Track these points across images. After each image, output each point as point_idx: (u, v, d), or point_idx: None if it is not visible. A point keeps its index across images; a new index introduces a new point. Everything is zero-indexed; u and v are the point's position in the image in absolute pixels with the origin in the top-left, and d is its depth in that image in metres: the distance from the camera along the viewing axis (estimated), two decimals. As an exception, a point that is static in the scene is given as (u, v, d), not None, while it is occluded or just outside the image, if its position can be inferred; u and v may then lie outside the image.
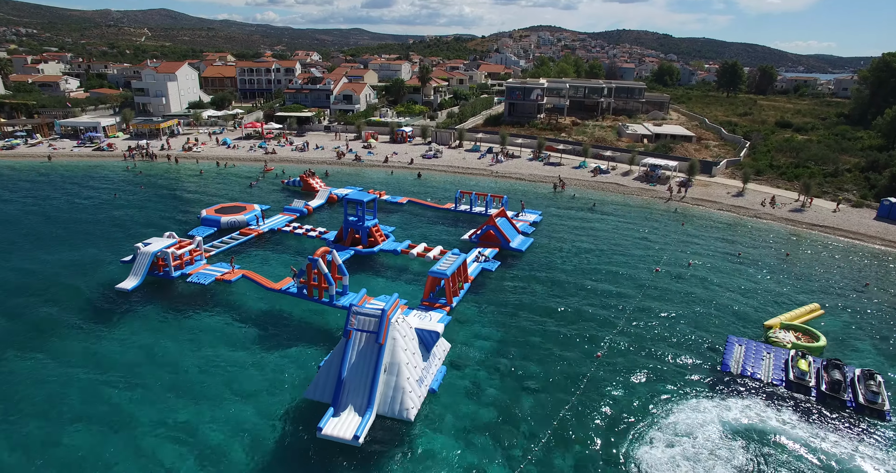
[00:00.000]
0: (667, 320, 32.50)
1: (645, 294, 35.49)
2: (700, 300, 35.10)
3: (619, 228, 48.58)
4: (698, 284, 37.41)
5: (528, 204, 54.95)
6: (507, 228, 42.78)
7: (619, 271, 39.21)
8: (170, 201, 54.48)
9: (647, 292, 35.89)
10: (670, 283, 37.46)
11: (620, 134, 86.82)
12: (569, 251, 42.71)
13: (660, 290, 36.27)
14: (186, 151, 74.84)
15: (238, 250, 41.73)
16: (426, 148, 77.24)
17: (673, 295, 35.58)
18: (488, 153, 75.39)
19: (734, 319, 32.89)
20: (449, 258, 33.87)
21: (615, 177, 64.58)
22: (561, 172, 66.50)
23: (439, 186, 61.84)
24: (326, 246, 33.69)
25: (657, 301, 34.69)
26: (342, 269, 33.15)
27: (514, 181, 63.97)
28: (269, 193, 58.13)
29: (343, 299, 32.65)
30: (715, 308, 34.02)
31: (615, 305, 34.08)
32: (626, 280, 37.61)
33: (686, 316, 32.97)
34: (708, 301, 34.84)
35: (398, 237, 44.66)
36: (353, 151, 75.70)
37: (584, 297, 35.10)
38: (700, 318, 32.81)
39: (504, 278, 37.94)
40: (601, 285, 36.69)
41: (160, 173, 65.37)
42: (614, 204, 55.81)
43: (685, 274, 38.91)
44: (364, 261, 40.15)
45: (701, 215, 53.18)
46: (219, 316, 32.11)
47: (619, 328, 31.39)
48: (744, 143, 77.50)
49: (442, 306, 31.95)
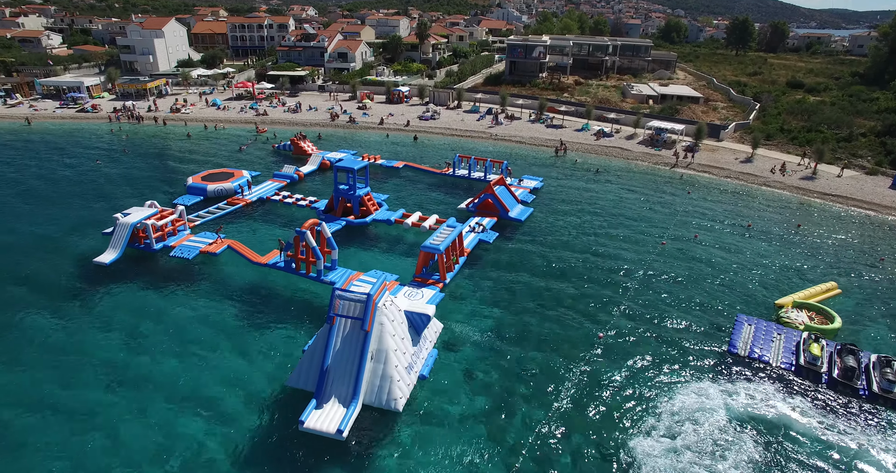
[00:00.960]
0: (672, 298, 30.78)
1: (649, 270, 33.66)
2: (708, 275, 33.28)
3: (622, 196, 46.28)
4: (706, 258, 35.51)
5: (528, 170, 52.43)
6: (506, 196, 40.53)
7: (623, 244, 37.26)
8: (156, 167, 51.93)
9: (651, 267, 34.04)
10: (676, 257, 35.56)
11: (625, 94, 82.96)
12: (570, 222, 40.62)
13: (665, 265, 34.42)
14: (174, 113, 71.46)
15: (225, 220, 39.67)
16: (423, 109, 73.79)
17: (679, 270, 33.74)
18: (488, 115, 72.03)
19: (744, 296, 31.16)
20: (443, 231, 31.85)
21: (619, 141, 61.64)
22: (563, 134, 63.50)
23: (437, 149, 59.06)
24: (316, 218, 31.61)
25: (662, 277, 32.88)
26: (331, 242, 31.19)
27: (515, 145, 61.10)
28: (260, 157, 55.46)
29: (331, 274, 30.85)
30: (723, 285, 32.24)
31: (618, 281, 32.30)
32: (630, 254, 35.70)
33: (693, 294, 31.22)
34: (716, 277, 33.04)
35: (392, 206, 42.48)
36: (347, 113, 72.32)
37: (585, 271, 33.29)
38: (708, 296, 31.07)
39: (502, 250, 36.03)
40: (604, 260, 34.82)
41: (147, 137, 62.42)
42: (618, 170, 53.24)
43: (692, 248, 36.95)
44: (356, 232, 38.13)
45: (708, 182, 50.72)
46: (201, 293, 30.37)
47: (621, 306, 29.70)
48: (753, 105, 73.88)
49: (435, 282, 30.18)
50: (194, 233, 36.41)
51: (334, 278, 30.34)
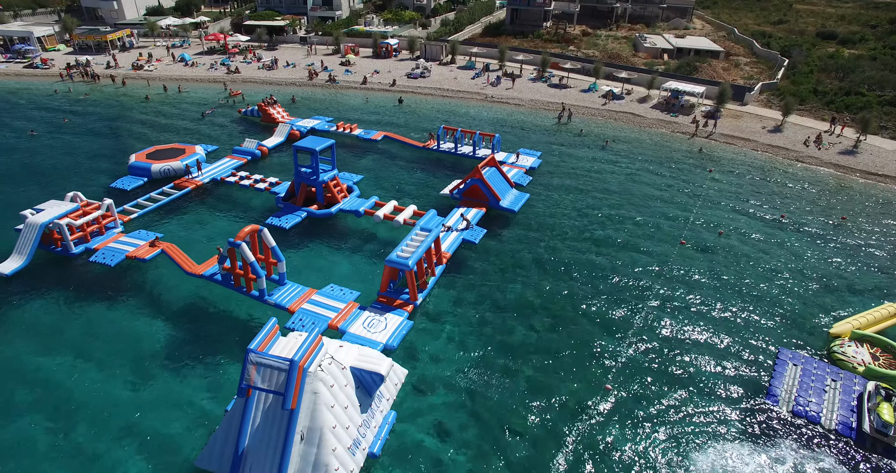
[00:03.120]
0: (695, 322, 24.76)
1: (666, 282, 27.50)
2: (738, 288, 27.12)
3: (634, 175, 39.33)
4: (734, 263, 29.20)
5: (526, 140, 45.15)
6: (497, 181, 33.76)
7: (635, 242, 30.87)
8: (103, 139, 44.81)
9: (669, 277, 27.86)
10: (698, 263, 29.27)
11: (637, 47, 73.55)
12: (572, 211, 34.00)
13: (686, 274, 28.20)
14: (136, 71, 63.16)
15: (171, 207, 33.27)
16: (413, 65, 65.15)
17: (702, 282, 27.55)
18: (484, 72, 63.48)
19: (784, 319, 25.08)
20: (415, 238, 25.48)
21: (630, 104, 53.66)
22: (567, 96, 55.44)
23: (423, 114, 51.44)
24: (256, 225, 25.19)
25: (682, 292, 26.72)
26: (276, 252, 24.95)
27: (512, 109, 53.27)
28: (224, 125, 48.11)
29: (278, 292, 24.82)
30: (758, 302, 26.12)
31: (629, 299, 26.21)
32: (643, 258, 29.40)
33: (720, 315, 25.18)
34: (748, 291, 26.86)
35: (366, 190, 35.83)
36: (328, 70, 63.84)
37: (589, 284, 27.16)
38: (739, 318, 25.02)
39: (490, 251, 29.78)
40: (613, 267, 28.58)
41: (101, 99, 54.67)
42: (628, 141, 45.84)
43: (716, 247, 30.59)
44: (319, 226, 31.77)
45: (732, 157, 43.46)
46: (120, 315, 24.47)
47: (632, 337, 23.79)
48: (780, 60, 64.86)
49: (404, 304, 24.21)
50: (127, 231, 30.15)
51: (280, 299, 24.31)
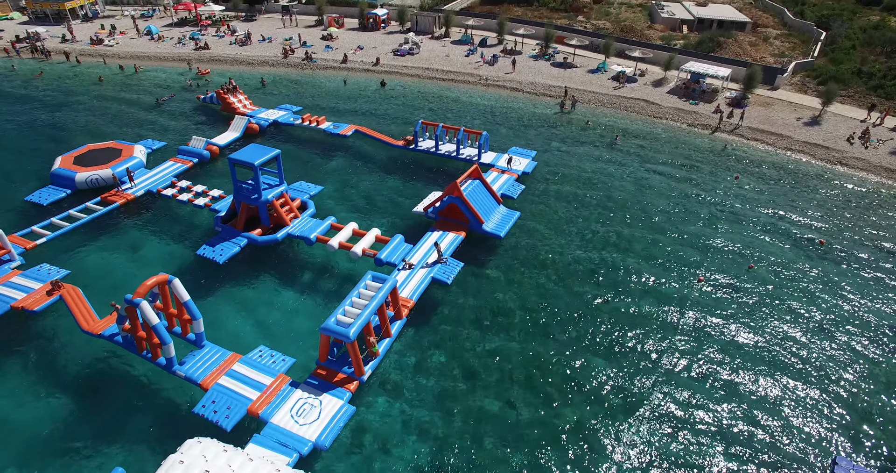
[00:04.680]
0: (716, 408, 19.18)
1: (680, 338, 21.77)
2: (772, 354, 21.37)
3: (645, 180, 32.97)
4: (765, 312, 23.26)
5: (522, 135, 38.58)
6: (481, 198, 27.65)
7: (643, 277, 24.96)
8: (39, 132, 38.80)
9: (682, 332, 22.07)
10: (719, 310, 23.36)
11: (653, 18, 65.07)
12: (569, 234, 27.96)
13: (702, 327, 22.40)
14: (95, 46, 56.29)
15: (94, 227, 27.66)
16: (401, 39, 57.65)
17: (725, 342, 21.83)
18: (480, 48, 55.91)
19: (837, 404, 19.45)
20: (364, 292, 19.75)
21: (644, 88, 46.39)
22: (573, 77, 48.19)
23: (407, 100, 44.69)
24: (164, 274, 19.55)
25: (701, 359, 21.03)
26: (191, 308, 19.46)
27: (508, 94, 46.26)
28: (180, 115, 41.79)
29: (190, 360, 19.45)
30: (801, 379, 20.40)
31: (632, 366, 20.55)
32: (650, 302, 23.54)
33: (751, 398, 19.57)
34: (786, 361, 21.10)
35: (324, 205, 29.94)
36: (307, 46, 56.55)
37: (585, 341, 21.47)
38: (777, 402, 19.38)
39: (467, 291, 24.06)
40: (615, 317, 22.85)
41: (48, 81, 48.27)
42: (641, 136, 39.03)
43: (743, 287, 24.66)
44: (262, 255, 26.10)
45: (761, 157, 36.69)
46: (6, 380, 19.46)
47: (640, 420, 18.35)
48: (817, 33, 56.53)
49: (347, 380, 18.80)
50: (27, 265, 24.68)
51: (193, 369, 18.96)
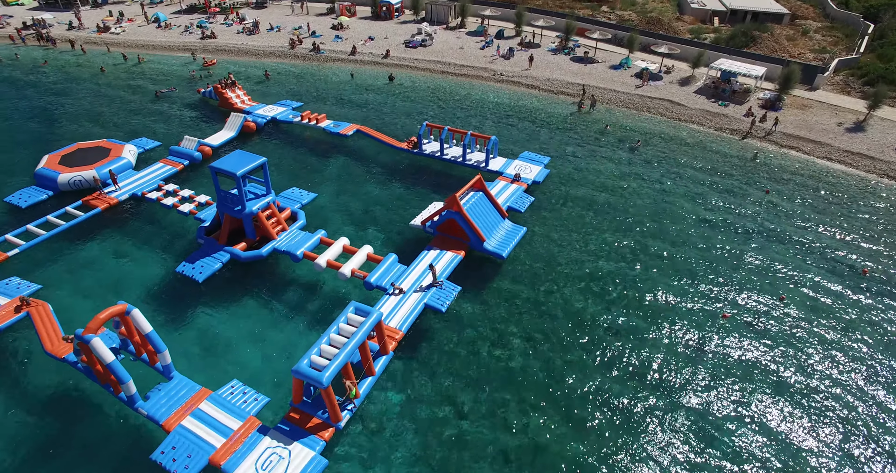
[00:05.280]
0: (735, 457, 16.75)
1: (701, 377, 19.29)
2: (805, 398, 18.73)
3: (666, 192, 30.10)
4: (798, 352, 20.51)
5: (535, 138, 35.82)
6: (484, 213, 25.22)
7: (660, 307, 22.37)
8: (37, 126, 37.42)
9: (703, 369, 19.57)
10: (746, 346, 20.71)
11: (682, 9, 60.82)
12: (580, 254, 25.31)
13: (726, 364, 19.84)
14: (101, 33, 54.69)
15: (73, 234, 26.01)
16: (414, 30, 54.81)
17: (751, 381, 19.25)
18: (497, 40, 52.77)
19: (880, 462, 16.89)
20: (343, 328, 17.68)
21: (669, 87, 42.97)
22: (593, 74, 44.97)
23: (416, 97, 42.12)
24: (123, 304, 17.69)
25: (721, 399, 18.53)
26: (154, 341, 17.62)
27: (523, 92, 43.30)
28: (178, 110, 39.93)
29: (154, 396, 17.66)
30: (836, 428, 17.80)
31: (645, 415, 18.21)
32: (667, 336, 20.99)
33: (778, 449, 17.06)
34: (821, 408, 18.48)
35: (316, 215, 27.85)
36: (316, 36, 54.14)
37: (592, 383, 19.10)
38: (813, 456, 16.90)
39: (462, 320, 21.82)
40: (625, 348, 20.41)
41: (53, 71, 46.76)
42: (664, 142, 35.91)
43: (773, 325, 21.92)
44: (245, 272, 24.17)
45: (796, 169, 33.35)
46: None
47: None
48: (863, 26, 51.99)
49: (322, 427, 16.82)
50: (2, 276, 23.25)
51: (157, 407, 17.14)
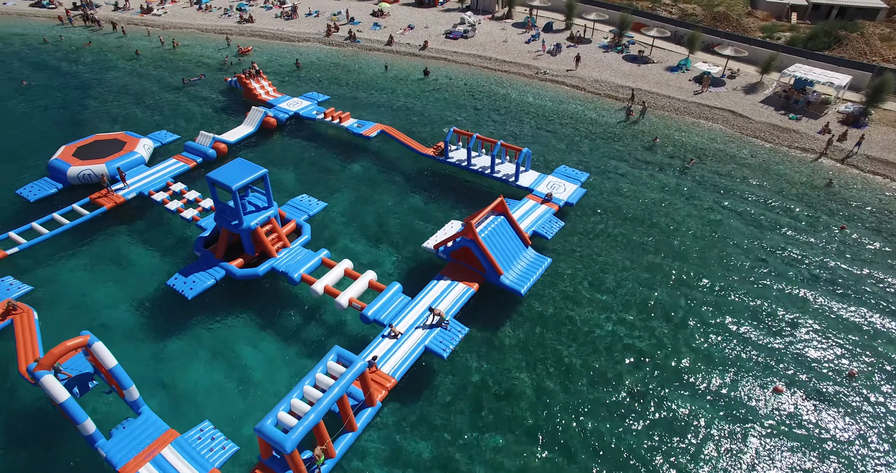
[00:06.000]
0: None
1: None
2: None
3: (719, 226, 26.10)
4: (872, 448, 16.88)
5: (575, 150, 32.28)
6: (503, 242, 22.31)
7: (697, 368, 18.98)
8: (63, 112, 36.81)
9: (749, 460, 16.31)
10: (803, 436, 17.17)
11: (755, 2, 54.59)
12: (611, 295, 22.07)
13: (778, 457, 16.49)
14: (143, 15, 54.12)
15: (77, 234, 24.88)
16: (457, 19, 51.42)
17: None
18: (544, 33, 48.73)
19: None
20: (321, 379, 15.42)
21: (733, 95, 38.12)
22: (647, 75, 40.56)
23: (450, 95, 39.09)
24: (86, 334, 16.07)
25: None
26: (119, 376, 15.98)
27: (567, 93, 39.50)
28: (203, 99, 38.47)
29: (117, 434, 16.07)
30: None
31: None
32: (704, 408, 17.68)
33: None
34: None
35: (329, 226, 25.71)
36: (354, 22, 51.67)
37: (605, 449, 16.23)
38: None
39: (469, 364, 19.24)
40: (651, 418, 17.32)
41: (91, 54, 46.35)
42: (720, 159, 31.57)
43: (839, 402, 18.20)
44: (239, 291, 22.29)
45: (881, 200, 28.40)
46: None
47: None
48: (971, 29, 44.84)
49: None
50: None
51: (117, 448, 15.51)
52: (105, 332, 20.44)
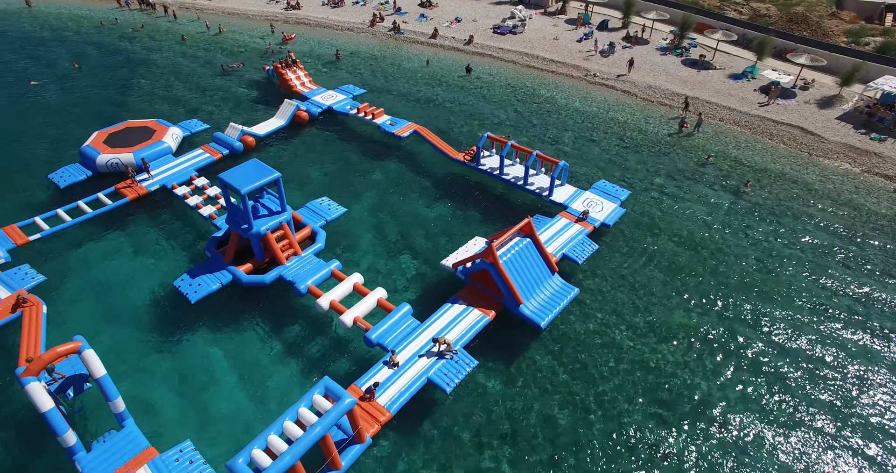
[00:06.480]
0: None
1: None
2: None
3: (775, 261, 23.09)
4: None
5: (618, 163, 29.64)
6: (525, 268, 20.32)
7: (739, 446, 16.53)
8: (106, 94, 37.16)
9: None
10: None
11: (842, 2, 49.25)
12: (641, 334, 19.83)
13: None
14: (193, 0, 54.44)
15: (99, 222, 24.75)
16: (507, 13, 48.90)
17: None
18: (598, 31, 45.57)
19: None
20: (305, 414, 14.06)
21: (804, 109, 34.21)
22: (707, 83, 37.06)
23: (491, 95, 36.98)
24: (78, 340, 15.41)
25: None
26: (105, 387, 15.26)
27: (617, 99, 36.59)
28: (239, 88, 37.95)
29: (98, 447, 15.39)
30: None
31: None
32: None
33: None
34: None
35: (344, 235, 24.45)
36: (401, 13, 50.08)
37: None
38: None
39: (475, 397, 17.59)
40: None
41: (142, 37, 46.87)
42: (783, 183, 28.17)
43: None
44: (245, 298, 21.34)
45: (972, 243, 24.73)
46: None
47: None
48: None
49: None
50: (12, 263, 22.28)
51: (92, 465, 14.85)
52: (108, 330, 20.03)
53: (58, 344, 18.08)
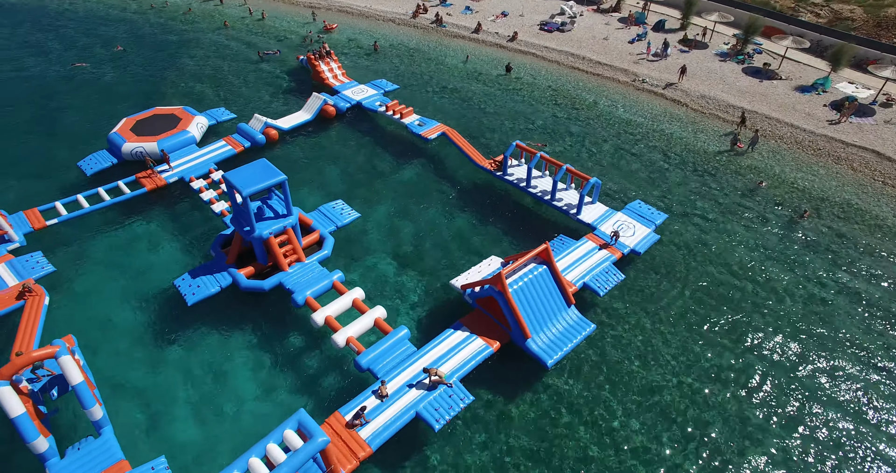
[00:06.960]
0: None
1: None
2: None
3: (829, 307, 20.36)
4: None
5: (659, 183, 27.08)
6: (538, 297, 18.50)
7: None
8: (145, 78, 37.37)
9: None
10: None
11: (938, 9, 43.72)
12: (667, 381, 17.90)
13: None
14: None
15: (115, 210, 24.65)
16: (557, 9, 46.18)
17: None
18: (653, 32, 42.28)
19: None
20: (273, 452, 12.99)
21: (881, 130, 30.33)
22: (768, 94, 33.58)
23: (530, 97, 34.81)
24: (57, 344, 14.91)
25: None
26: (81, 394, 14.72)
27: (665, 108, 33.64)
28: (272, 77, 37.27)
29: (72, 454, 14.94)
30: None
31: None
32: None
33: None
34: None
35: (355, 242, 23.32)
36: (446, 4, 48.24)
37: None
38: None
39: (468, 437, 16.15)
40: None
41: (188, 21, 47.06)
42: (846, 216, 24.90)
43: None
44: (243, 303, 20.56)
45: None
46: None
47: None
48: None
49: None
50: (26, 250, 22.38)
51: None
52: (107, 327, 19.76)
53: (55, 337, 18.04)
